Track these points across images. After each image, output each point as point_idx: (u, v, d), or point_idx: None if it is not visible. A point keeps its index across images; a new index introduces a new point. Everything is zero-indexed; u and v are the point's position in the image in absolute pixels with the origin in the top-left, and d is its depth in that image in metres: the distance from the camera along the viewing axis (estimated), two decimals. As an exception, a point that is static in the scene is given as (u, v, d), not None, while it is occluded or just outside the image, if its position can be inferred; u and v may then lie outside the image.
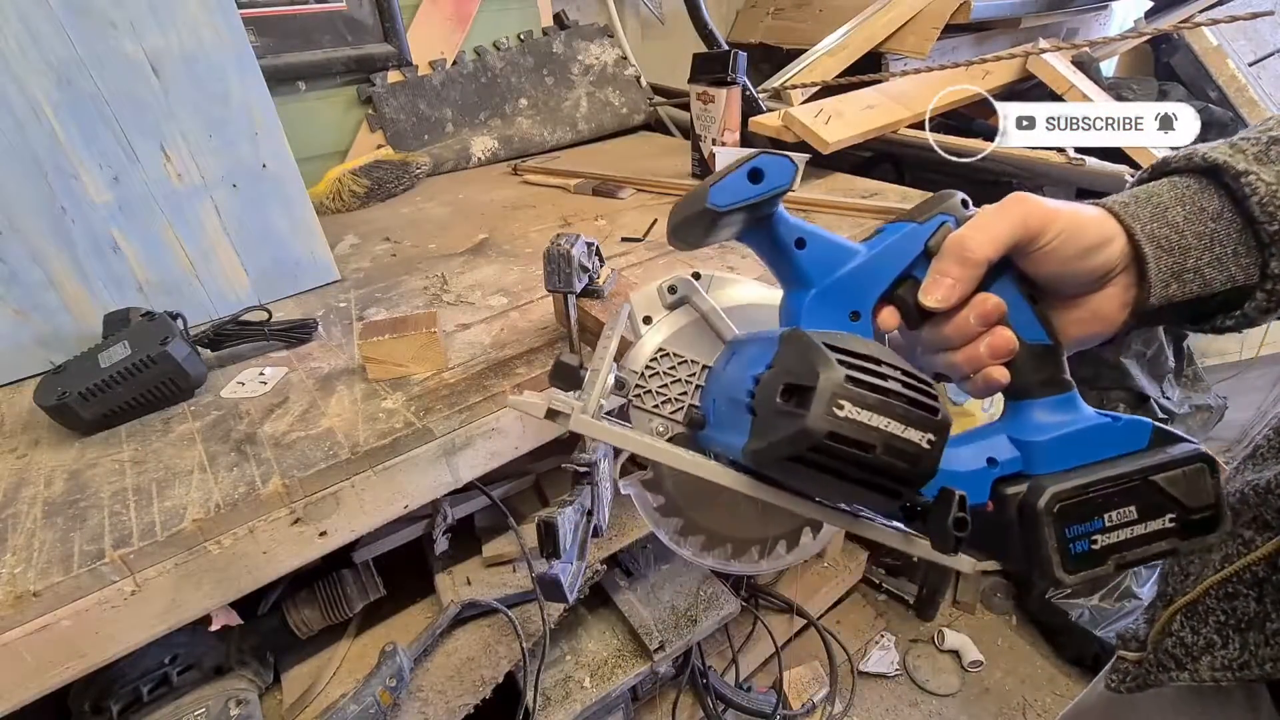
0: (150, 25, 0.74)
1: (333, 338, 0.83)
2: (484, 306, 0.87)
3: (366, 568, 0.87)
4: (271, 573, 0.61)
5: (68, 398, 0.65)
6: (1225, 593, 0.44)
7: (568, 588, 0.61)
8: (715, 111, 1.20)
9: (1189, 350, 1.59)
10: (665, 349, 0.44)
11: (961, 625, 1.57)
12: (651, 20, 1.82)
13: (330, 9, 1.32)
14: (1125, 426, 0.35)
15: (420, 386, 0.70)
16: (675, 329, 0.44)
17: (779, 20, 1.83)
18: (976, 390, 0.37)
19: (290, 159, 0.89)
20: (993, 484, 0.35)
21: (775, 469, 0.32)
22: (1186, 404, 1.55)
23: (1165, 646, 0.48)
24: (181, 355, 0.70)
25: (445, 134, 1.52)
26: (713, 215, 0.34)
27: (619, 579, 1.14)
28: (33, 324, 0.77)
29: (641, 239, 1.03)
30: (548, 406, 0.39)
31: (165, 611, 0.56)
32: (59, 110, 0.72)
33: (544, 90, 1.61)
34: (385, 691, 0.77)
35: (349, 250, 1.11)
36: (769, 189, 0.34)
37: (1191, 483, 0.34)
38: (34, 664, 0.51)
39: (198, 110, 0.80)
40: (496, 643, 0.87)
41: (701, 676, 1.23)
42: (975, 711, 1.40)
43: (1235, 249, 0.36)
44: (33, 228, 0.74)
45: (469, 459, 0.69)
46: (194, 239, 0.84)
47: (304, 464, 0.61)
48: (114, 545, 0.53)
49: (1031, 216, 0.35)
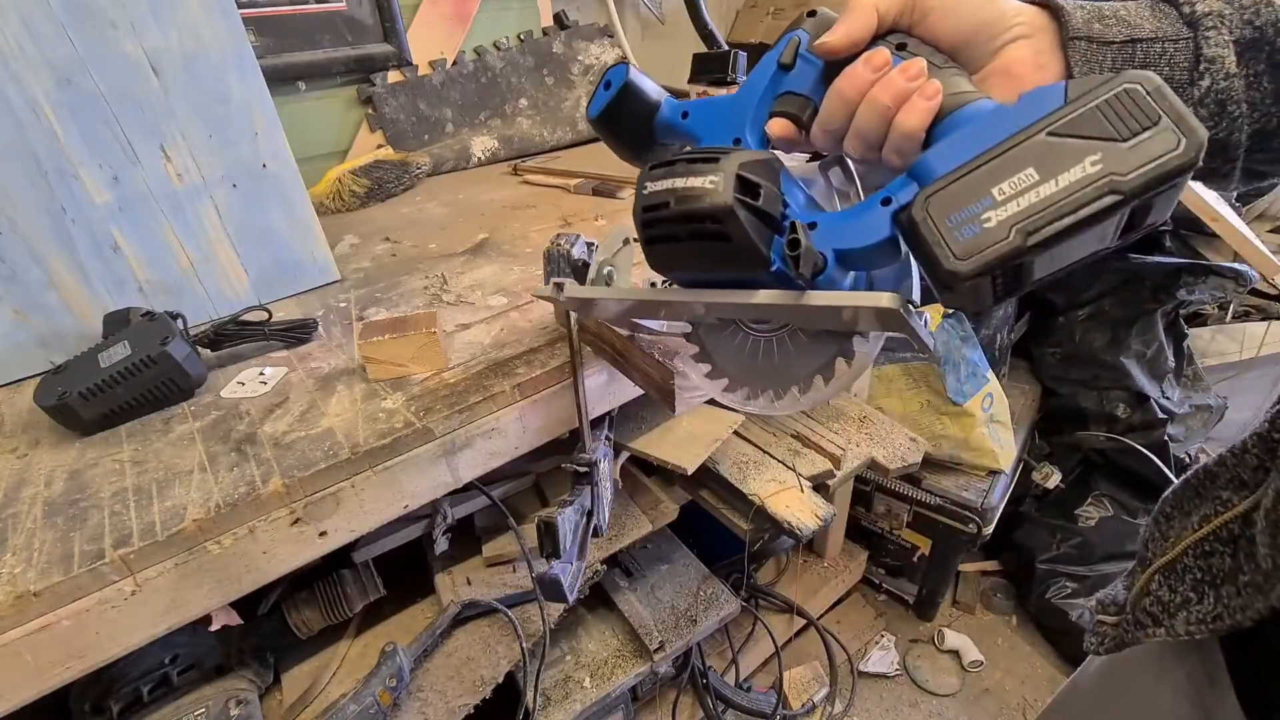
0: (150, 25, 0.74)
1: (333, 338, 0.83)
2: (484, 306, 0.87)
3: (366, 568, 0.87)
4: (271, 573, 0.61)
5: (68, 398, 0.65)
6: (1202, 551, 0.45)
7: (568, 588, 0.62)
8: (715, 111, 1.20)
9: (1189, 350, 1.59)
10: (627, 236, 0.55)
11: (961, 625, 1.57)
12: (651, 20, 1.82)
13: (330, 9, 1.32)
14: (1029, 98, 0.30)
15: (420, 386, 0.70)
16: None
17: (779, 20, 1.83)
18: (894, 152, 0.36)
19: (290, 159, 0.89)
20: (892, 217, 0.34)
21: (649, 258, 0.41)
22: (1186, 404, 1.55)
23: (1143, 606, 0.49)
24: (181, 355, 0.70)
25: (445, 134, 1.52)
26: (602, 125, 0.48)
27: (619, 579, 1.14)
28: (33, 324, 0.77)
29: (641, 239, 1.03)
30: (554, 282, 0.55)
31: (165, 611, 0.56)
32: (59, 110, 0.72)
33: (544, 90, 1.61)
34: (385, 691, 0.77)
35: (349, 250, 1.11)
36: (617, 87, 0.45)
37: (1120, 110, 0.27)
38: (34, 664, 0.51)
39: (198, 110, 0.80)
40: (496, 643, 0.87)
41: (701, 676, 1.23)
42: (975, 711, 1.40)
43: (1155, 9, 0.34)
44: (33, 228, 0.74)
45: (469, 459, 0.69)
46: (194, 239, 0.84)
47: (304, 464, 0.61)
48: (114, 545, 0.53)
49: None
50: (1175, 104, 0.27)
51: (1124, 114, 0.27)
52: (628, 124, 0.47)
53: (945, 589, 1.57)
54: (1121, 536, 1.45)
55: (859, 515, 1.55)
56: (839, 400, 1.21)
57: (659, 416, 1.00)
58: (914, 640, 1.55)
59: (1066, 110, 0.28)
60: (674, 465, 0.92)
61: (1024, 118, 0.29)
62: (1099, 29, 0.34)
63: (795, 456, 1.05)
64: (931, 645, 1.53)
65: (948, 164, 0.31)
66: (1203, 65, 0.33)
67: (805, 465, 1.03)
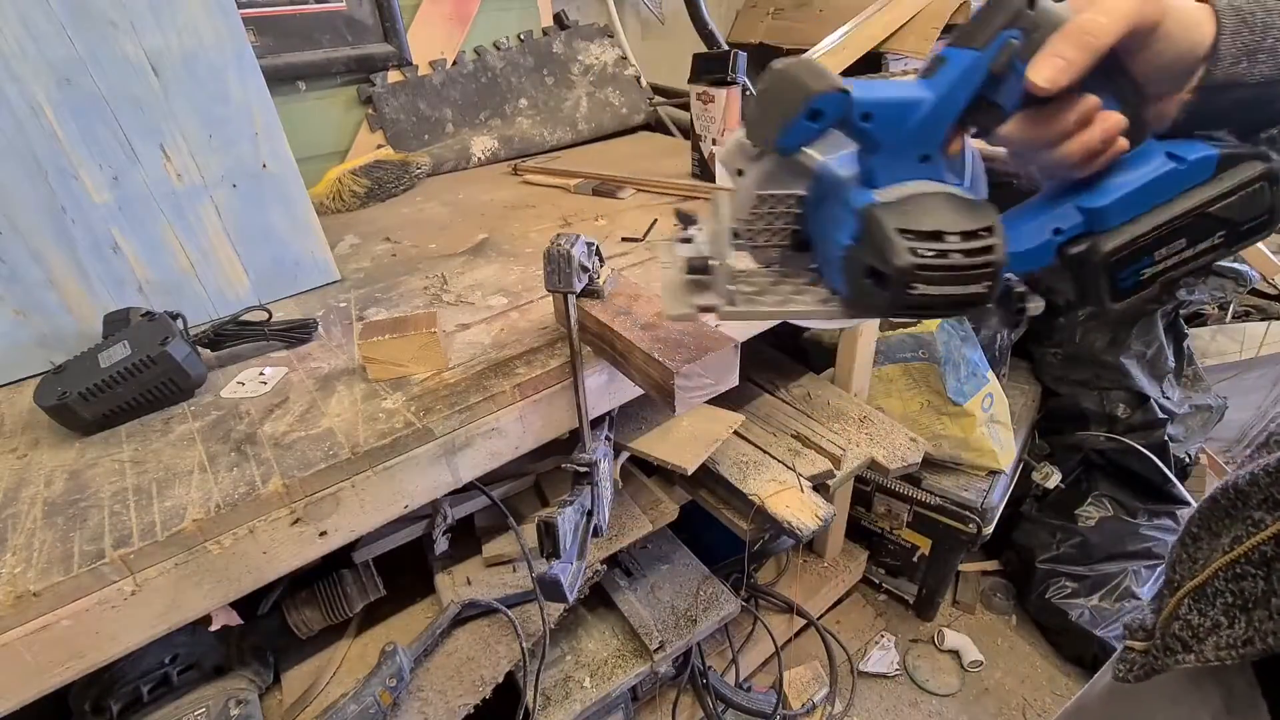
0: (150, 25, 0.74)
1: (333, 338, 0.83)
2: (484, 306, 0.87)
3: (366, 568, 0.87)
4: (271, 573, 0.61)
5: (68, 398, 0.65)
6: (1233, 574, 0.43)
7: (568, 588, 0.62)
8: (715, 111, 1.20)
9: (1189, 350, 1.59)
10: (762, 193, 0.44)
11: (961, 625, 1.57)
12: (651, 20, 1.82)
13: (330, 9, 1.32)
14: (1190, 167, 0.37)
15: (420, 386, 0.70)
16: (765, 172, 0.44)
17: (779, 20, 1.83)
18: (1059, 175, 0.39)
19: (290, 159, 0.89)
20: (1058, 249, 0.39)
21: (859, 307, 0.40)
22: (1187, 404, 1.55)
23: (1172, 630, 0.48)
24: (181, 355, 0.70)
25: (445, 134, 1.52)
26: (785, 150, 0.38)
27: (619, 579, 1.14)
28: (33, 324, 0.77)
29: (641, 239, 1.03)
30: (699, 305, 0.45)
31: (165, 611, 0.56)
32: (59, 110, 0.72)
33: (544, 90, 1.61)
34: (385, 691, 0.77)
35: (349, 250, 1.11)
36: (831, 120, 0.35)
37: (1247, 202, 0.36)
38: (34, 664, 0.51)
39: (198, 110, 0.80)
40: (496, 643, 0.87)
41: (701, 676, 1.23)
42: (975, 711, 1.40)
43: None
44: (33, 228, 0.74)
45: (469, 459, 0.69)
46: (194, 239, 0.84)
47: (304, 464, 0.61)
48: (114, 545, 0.54)
49: (1148, 3, 0.34)
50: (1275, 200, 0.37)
51: (1250, 205, 0.37)
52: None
53: (945, 589, 1.57)
54: (1121, 536, 1.45)
55: (859, 515, 1.55)
56: (839, 400, 1.21)
57: (659, 416, 1.00)
58: (914, 640, 1.55)
59: (1215, 188, 0.37)
60: (674, 465, 0.92)
61: (1186, 180, 0.37)
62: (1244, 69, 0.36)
63: (795, 456, 1.05)
64: (931, 645, 1.53)
65: (1121, 215, 0.38)
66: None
67: (805, 465, 1.03)
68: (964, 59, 0.35)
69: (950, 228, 0.34)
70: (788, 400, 1.21)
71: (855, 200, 0.37)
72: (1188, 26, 0.36)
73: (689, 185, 1.22)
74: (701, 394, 0.64)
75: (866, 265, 0.36)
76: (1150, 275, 0.38)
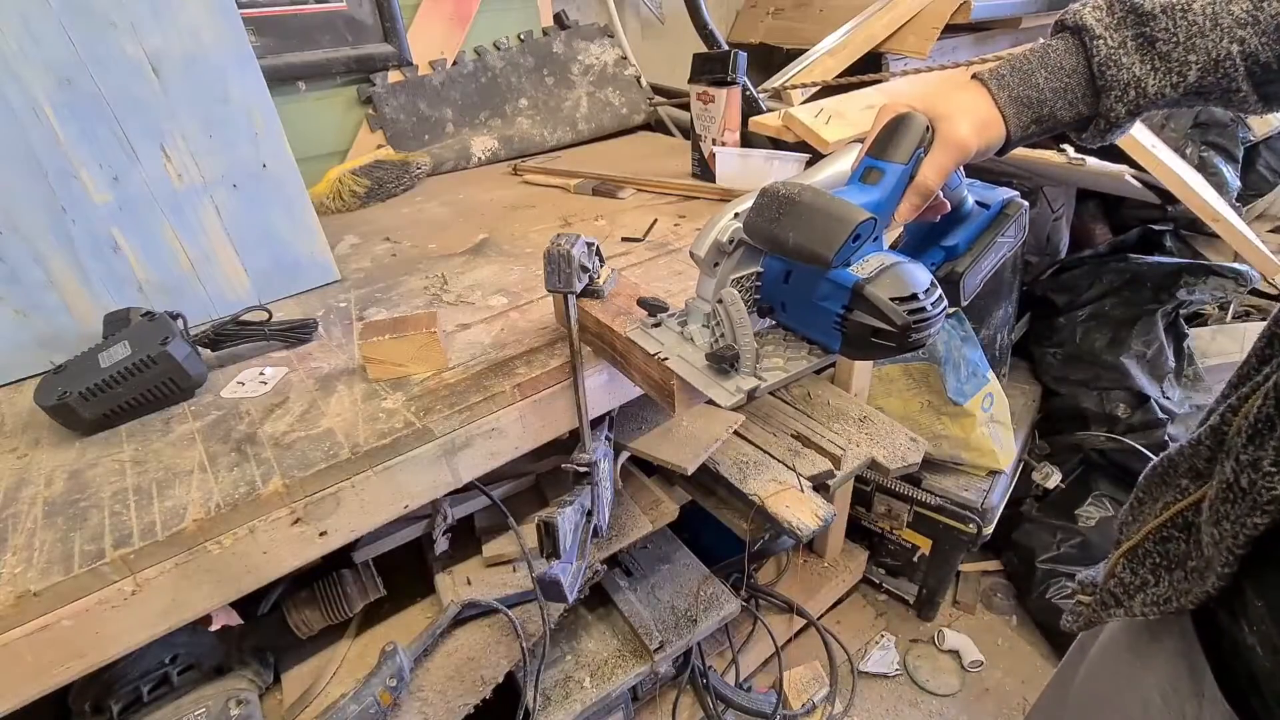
0: (150, 25, 0.74)
1: (333, 338, 0.83)
2: (484, 306, 0.87)
3: (366, 568, 0.87)
4: (271, 573, 0.61)
5: (68, 398, 0.65)
6: (1161, 536, 0.48)
7: (568, 588, 0.62)
8: (715, 111, 1.20)
9: (1189, 350, 1.59)
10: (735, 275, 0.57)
11: (961, 625, 1.57)
12: (651, 20, 1.82)
13: (330, 9, 1.32)
14: (993, 210, 0.61)
15: (420, 386, 0.70)
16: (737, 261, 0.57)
17: (779, 20, 1.83)
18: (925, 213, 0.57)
19: (290, 159, 0.89)
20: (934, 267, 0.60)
21: (859, 355, 0.53)
22: (1187, 404, 1.55)
23: (1108, 587, 0.52)
24: (181, 355, 0.70)
25: (445, 134, 1.52)
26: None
27: (619, 579, 1.14)
28: (33, 324, 0.77)
29: (641, 239, 1.03)
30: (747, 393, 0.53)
31: (165, 611, 0.56)
32: (59, 110, 0.72)
33: (544, 90, 1.61)
34: (385, 691, 0.77)
35: (349, 250, 1.11)
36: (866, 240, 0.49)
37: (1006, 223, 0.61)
38: (34, 664, 0.51)
39: (198, 110, 0.80)
40: (496, 643, 0.87)
41: (701, 676, 1.23)
42: (975, 711, 1.40)
43: (1082, 94, 0.51)
44: (33, 228, 0.74)
45: (469, 459, 0.69)
46: (194, 239, 0.84)
47: (304, 464, 0.61)
48: (114, 545, 0.54)
49: (962, 150, 0.51)
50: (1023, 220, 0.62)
51: (1012, 225, 0.61)
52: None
53: (945, 589, 1.57)
54: (1122, 536, 1.45)
55: (859, 515, 1.55)
56: (839, 400, 1.21)
57: (659, 416, 1.00)
58: (914, 640, 1.55)
59: (999, 225, 0.61)
60: (674, 465, 0.92)
61: (988, 218, 0.61)
62: (1034, 131, 0.53)
63: (795, 456, 1.05)
64: (931, 645, 1.53)
65: (966, 243, 0.60)
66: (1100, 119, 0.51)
67: (805, 465, 1.03)
68: (896, 170, 0.51)
69: (918, 289, 0.47)
70: (788, 400, 1.21)
71: (842, 279, 0.48)
72: (989, 140, 0.51)
73: (689, 185, 1.22)
74: (701, 394, 0.64)
75: (870, 326, 0.47)
76: (980, 279, 0.60)
